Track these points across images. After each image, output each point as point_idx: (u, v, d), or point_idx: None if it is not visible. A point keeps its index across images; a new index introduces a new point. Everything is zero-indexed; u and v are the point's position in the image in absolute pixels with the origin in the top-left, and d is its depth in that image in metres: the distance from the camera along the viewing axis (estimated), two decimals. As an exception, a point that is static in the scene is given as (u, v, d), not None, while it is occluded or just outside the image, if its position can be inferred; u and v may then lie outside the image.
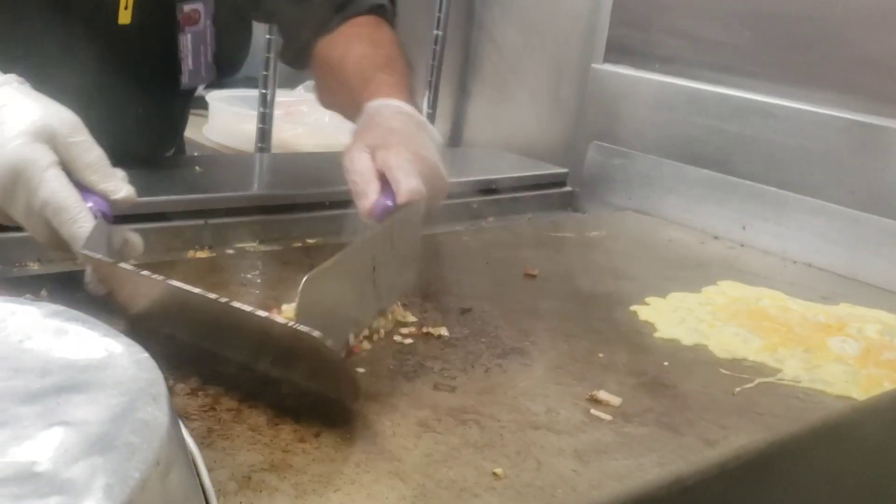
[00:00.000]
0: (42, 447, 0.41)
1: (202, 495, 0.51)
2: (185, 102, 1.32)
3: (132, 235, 0.82)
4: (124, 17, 1.09)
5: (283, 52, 1.24)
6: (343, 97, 1.09)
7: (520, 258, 1.11)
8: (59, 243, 0.77)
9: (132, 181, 0.82)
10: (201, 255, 1.02)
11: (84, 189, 0.77)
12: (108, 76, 1.08)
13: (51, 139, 0.76)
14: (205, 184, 1.14)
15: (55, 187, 0.75)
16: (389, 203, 0.86)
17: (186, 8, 1.13)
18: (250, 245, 1.08)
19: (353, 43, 1.12)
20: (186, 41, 1.14)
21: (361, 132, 0.95)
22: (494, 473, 0.62)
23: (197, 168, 1.17)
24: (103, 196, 0.78)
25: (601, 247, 1.23)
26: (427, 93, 1.88)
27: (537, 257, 1.13)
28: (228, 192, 1.11)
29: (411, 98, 1.02)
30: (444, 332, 0.85)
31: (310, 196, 1.19)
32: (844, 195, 1.22)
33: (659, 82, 1.42)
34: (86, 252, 0.74)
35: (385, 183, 0.87)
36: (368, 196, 0.87)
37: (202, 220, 1.06)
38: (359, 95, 1.02)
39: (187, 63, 1.15)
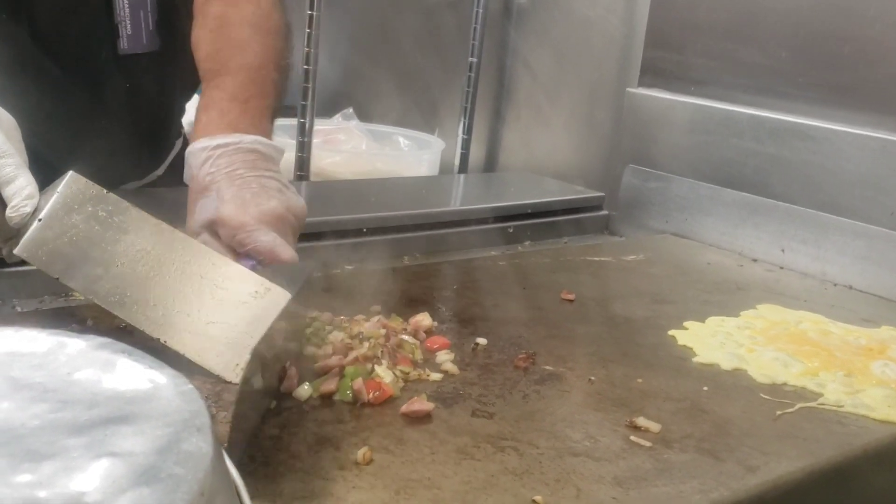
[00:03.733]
0: (90, 478, 0.42)
1: (245, 524, 0.52)
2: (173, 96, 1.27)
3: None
4: None
5: None
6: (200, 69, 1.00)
7: (556, 283, 1.12)
8: None
9: (167, 211, 0.84)
10: (242, 283, 1.03)
11: None
12: (77, 54, 1.07)
13: None
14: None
15: None
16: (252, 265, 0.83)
17: None
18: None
19: (226, 29, 1.00)
20: (123, 4, 1.09)
21: (192, 197, 0.87)
22: (534, 501, 0.62)
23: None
24: None
25: (638, 271, 1.23)
26: (462, 119, 1.89)
27: (574, 282, 1.13)
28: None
29: (252, 115, 0.91)
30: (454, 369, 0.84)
31: (349, 222, 1.20)
32: (884, 216, 1.21)
33: (694, 105, 1.42)
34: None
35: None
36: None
37: (242, 249, 1.07)
38: (204, 94, 0.94)
39: (125, 27, 1.09)
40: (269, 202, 0.85)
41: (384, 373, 0.77)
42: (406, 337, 0.86)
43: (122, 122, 1.15)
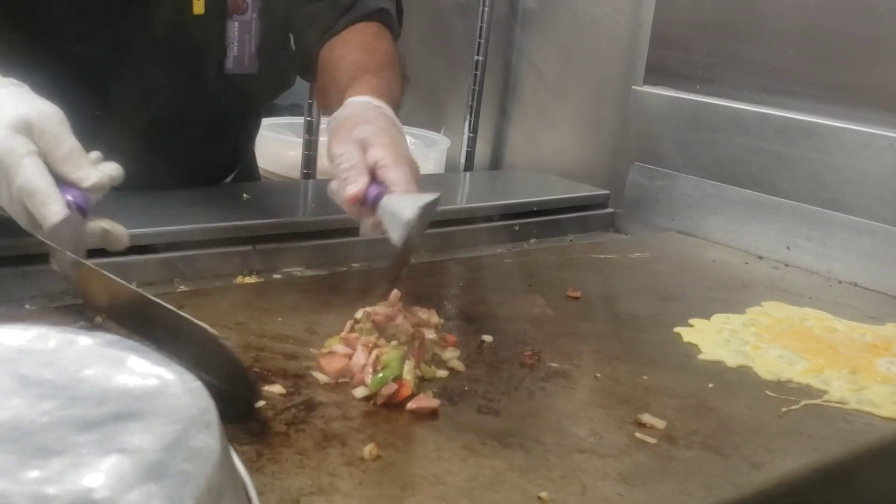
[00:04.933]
0: (99, 475, 0.43)
1: (253, 520, 0.52)
2: (249, 115, 1.36)
3: (113, 225, 0.86)
4: (199, 6, 1.13)
5: (294, 63, 1.26)
6: (333, 96, 1.10)
7: (562, 280, 1.12)
8: (36, 226, 0.81)
9: (174, 207, 0.85)
10: (249, 280, 1.04)
11: (64, 183, 0.81)
12: (189, 68, 1.14)
13: (29, 132, 0.80)
14: (252, 210, 1.16)
15: (29, 174, 0.79)
16: (379, 191, 0.88)
17: (236, 18, 1.17)
18: (297, 270, 1.10)
19: (351, 46, 1.15)
20: (233, 28, 1.18)
21: (346, 125, 0.95)
22: (540, 497, 0.63)
23: (244, 195, 1.19)
24: (76, 185, 0.81)
25: (644, 268, 1.23)
26: (468, 117, 1.89)
27: (580, 279, 1.13)
28: (275, 219, 1.13)
29: (392, 102, 1.03)
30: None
31: (354, 221, 1.20)
32: (890, 214, 1.21)
33: (700, 103, 1.42)
34: (45, 239, 0.79)
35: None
36: (358, 184, 0.88)
37: (250, 246, 1.08)
38: (344, 92, 1.03)
39: (232, 49, 1.19)
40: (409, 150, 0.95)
41: (408, 373, 0.77)
42: (431, 335, 0.85)
43: (208, 134, 1.24)
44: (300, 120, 1.78)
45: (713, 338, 0.97)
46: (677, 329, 0.99)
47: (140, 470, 0.43)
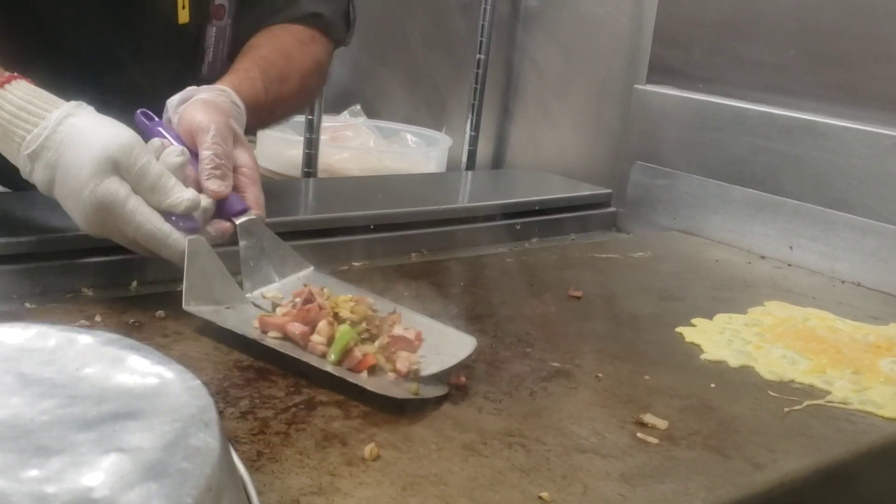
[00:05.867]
0: (99, 473, 0.42)
1: (253, 519, 0.52)
2: None
3: (225, 226, 0.88)
4: (183, 16, 1.13)
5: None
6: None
7: (564, 279, 1.12)
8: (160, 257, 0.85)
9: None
10: (249, 279, 1.03)
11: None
12: (167, 74, 1.13)
13: (117, 169, 0.81)
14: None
15: (139, 221, 0.82)
16: (243, 206, 0.90)
17: (216, 2, 1.17)
18: (297, 269, 1.10)
19: (267, 43, 1.15)
20: (211, 33, 1.18)
21: (210, 109, 0.93)
22: (541, 497, 0.63)
23: (245, 194, 1.18)
24: (170, 212, 0.84)
25: (646, 268, 1.23)
26: (470, 116, 1.89)
27: (581, 279, 1.13)
28: (276, 218, 1.12)
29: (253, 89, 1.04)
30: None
31: (356, 219, 1.20)
32: (893, 213, 1.20)
33: (702, 102, 1.41)
34: (189, 309, 0.83)
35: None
36: (224, 183, 0.89)
37: (250, 245, 1.08)
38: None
39: (208, 55, 1.19)
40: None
41: (372, 348, 0.78)
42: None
43: None
44: (300, 118, 1.78)
45: (715, 338, 0.96)
46: (679, 329, 0.98)
47: (139, 469, 0.43)
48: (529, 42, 1.84)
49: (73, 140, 0.82)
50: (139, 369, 0.52)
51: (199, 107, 0.93)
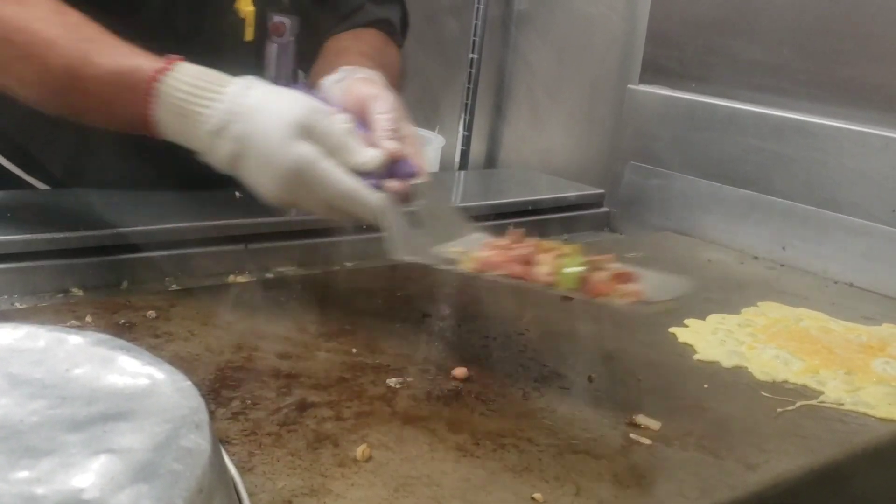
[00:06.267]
0: (89, 475, 0.42)
1: (244, 521, 0.52)
2: None
3: (399, 185, 0.87)
4: (249, 33, 1.13)
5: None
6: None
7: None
8: (353, 221, 0.88)
9: (165, 206, 0.84)
10: (241, 279, 1.03)
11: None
12: None
13: (306, 133, 0.82)
14: (244, 209, 1.15)
15: (333, 180, 0.82)
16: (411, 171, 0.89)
17: (276, 19, 1.17)
18: (290, 269, 1.09)
19: (358, 44, 1.15)
20: (272, 51, 1.18)
21: (371, 83, 0.94)
22: (533, 499, 0.62)
23: (237, 194, 1.18)
24: (358, 170, 0.83)
25: (639, 268, 1.23)
26: (463, 115, 1.89)
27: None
28: (268, 218, 1.12)
29: None
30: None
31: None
32: (886, 214, 1.21)
33: (695, 102, 1.41)
34: (405, 258, 0.84)
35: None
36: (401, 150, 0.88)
37: (242, 245, 1.08)
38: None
39: (270, 72, 1.19)
40: None
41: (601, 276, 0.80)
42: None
43: None
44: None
45: (708, 338, 0.96)
46: (672, 329, 0.98)
47: (130, 470, 0.43)
48: (522, 42, 1.83)
49: (258, 110, 0.82)
50: (129, 370, 0.52)
51: (364, 82, 0.94)
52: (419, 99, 2.05)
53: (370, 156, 0.84)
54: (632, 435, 0.73)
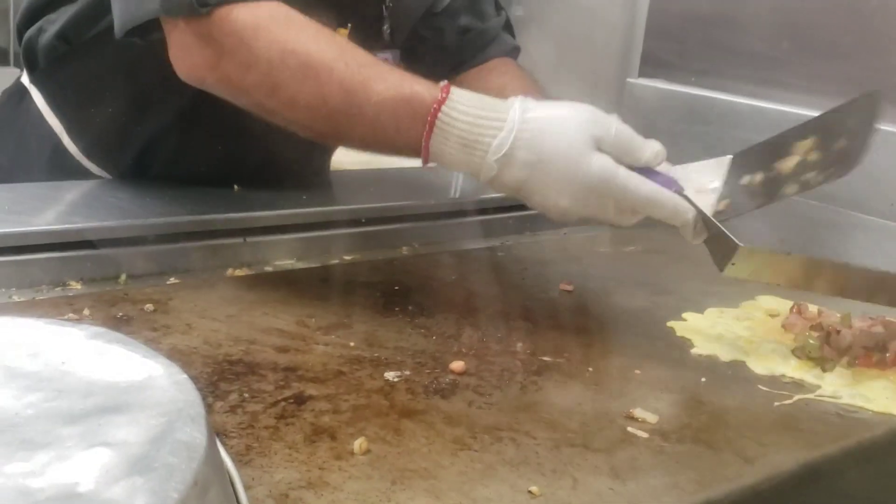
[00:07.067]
0: (84, 468, 0.42)
1: (240, 514, 0.52)
2: None
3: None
4: None
5: None
6: None
7: (556, 273, 1.11)
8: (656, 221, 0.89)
9: (164, 199, 0.84)
10: (240, 273, 1.03)
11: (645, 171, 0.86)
12: None
13: (598, 144, 0.84)
14: (243, 202, 1.15)
15: (634, 186, 0.85)
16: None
17: (378, 56, 1.17)
18: (289, 262, 1.09)
19: (515, 81, 1.18)
20: None
21: None
22: (530, 492, 0.62)
23: (235, 187, 1.18)
24: (646, 166, 0.86)
25: (637, 261, 1.23)
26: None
27: (573, 272, 1.13)
28: (267, 211, 1.12)
29: None
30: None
31: (347, 212, 1.20)
32: (885, 207, 1.21)
33: (694, 96, 1.41)
34: (744, 247, 0.85)
35: None
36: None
37: (241, 239, 1.08)
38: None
39: None
40: None
41: None
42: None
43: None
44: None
45: (706, 332, 0.96)
46: (670, 323, 0.98)
47: (125, 463, 0.43)
48: (521, 34, 1.83)
49: (545, 131, 0.84)
50: (126, 363, 0.52)
51: None
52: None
53: (657, 150, 0.86)
54: (629, 428, 0.73)
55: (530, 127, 0.84)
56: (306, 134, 0.94)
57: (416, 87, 0.87)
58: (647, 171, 0.87)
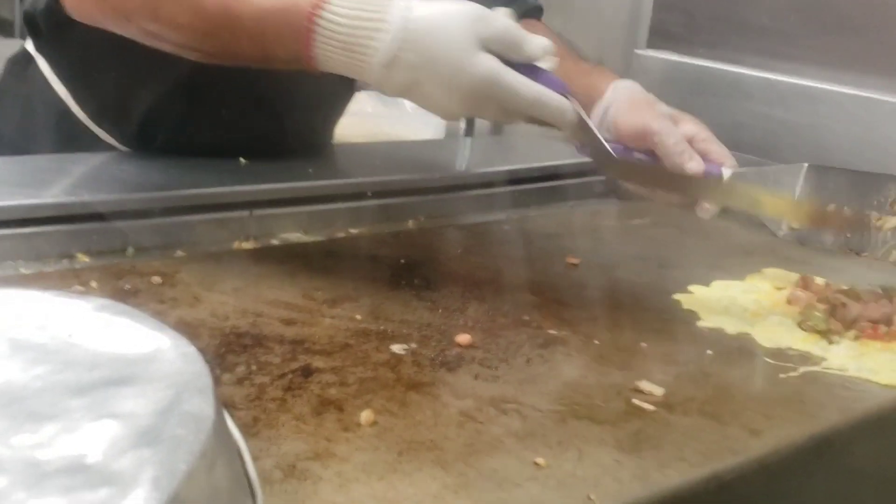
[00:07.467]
0: (91, 440, 0.42)
1: (248, 485, 0.52)
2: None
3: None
4: None
5: None
6: None
7: (562, 247, 1.11)
8: (540, 123, 0.87)
9: (170, 172, 0.86)
10: (246, 245, 1.03)
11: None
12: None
13: (483, 44, 0.82)
14: (249, 175, 1.15)
15: (518, 87, 0.82)
16: (716, 171, 0.97)
17: None
18: (295, 235, 1.09)
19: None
20: None
21: (637, 104, 1.02)
22: (536, 463, 0.63)
23: (242, 160, 1.18)
24: (529, 62, 0.84)
25: (644, 235, 1.23)
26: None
27: (579, 246, 1.12)
28: (273, 184, 1.12)
29: None
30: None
31: (354, 186, 1.19)
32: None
33: (703, 67, 1.40)
34: (576, 140, 0.92)
35: None
36: (697, 161, 0.96)
37: (247, 212, 1.07)
38: (584, 80, 1.06)
39: None
40: None
41: None
42: None
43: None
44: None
45: (713, 305, 0.96)
46: (676, 296, 0.98)
47: (132, 435, 0.43)
48: (529, 7, 1.82)
49: (428, 33, 0.81)
50: (133, 335, 0.52)
51: (625, 107, 1.02)
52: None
53: (543, 45, 0.84)
54: (635, 401, 0.74)
55: (414, 29, 0.81)
56: (197, 57, 0.93)
57: None
58: (534, 70, 0.85)
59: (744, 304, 0.97)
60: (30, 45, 1.18)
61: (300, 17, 0.83)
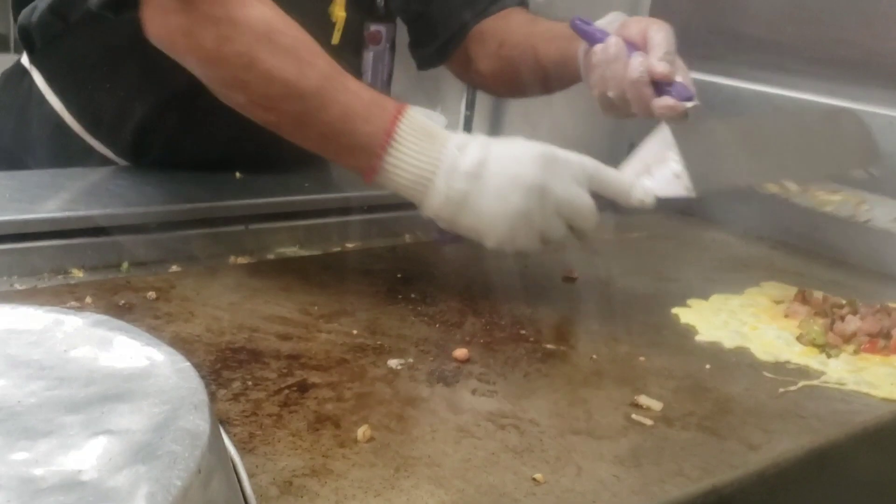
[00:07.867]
0: (87, 456, 0.42)
1: (243, 502, 0.51)
2: None
3: (671, 103, 1.01)
4: (336, 37, 1.13)
5: (421, 51, 1.30)
6: (540, 71, 1.17)
7: (559, 261, 1.11)
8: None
9: (165, 186, 0.85)
10: (242, 260, 1.03)
11: None
12: None
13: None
14: (245, 189, 1.15)
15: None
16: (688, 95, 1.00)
17: (372, 28, 1.17)
18: (291, 250, 1.09)
19: (533, 25, 1.21)
20: (368, 58, 1.22)
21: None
22: (534, 479, 0.62)
23: (237, 174, 1.18)
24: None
25: (642, 248, 1.23)
26: (465, 94, 1.88)
27: (577, 259, 1.12)
28: (269, 198, 1.12)
29: None
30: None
31: (349, 200, 1.19)
32: (891, 194, 1.20)
33: (699, 81, 1.40)
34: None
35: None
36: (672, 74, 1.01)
37: (243, 226, 1.07)
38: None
39: (367, 78, 1.22)
40: None
41: None
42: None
43: None
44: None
45: (711, 319, 0.96)
46: (675, 310, 0.98)
47: (128, 451, 0.43)
48: (524, 21, 1.82)
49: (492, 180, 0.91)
50: (128, 351, 0.52)
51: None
52: (420, 78, 2.03)
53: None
54: (633, 416, 0.73)
55: (476, 188, 0.90)
56: (266, 117, 0.92)
57: (367, 126, 0.88)
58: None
59: (742, 317, 0.97)
60: (25, 59, 1.18)
61: (389, 114, 0.89)
